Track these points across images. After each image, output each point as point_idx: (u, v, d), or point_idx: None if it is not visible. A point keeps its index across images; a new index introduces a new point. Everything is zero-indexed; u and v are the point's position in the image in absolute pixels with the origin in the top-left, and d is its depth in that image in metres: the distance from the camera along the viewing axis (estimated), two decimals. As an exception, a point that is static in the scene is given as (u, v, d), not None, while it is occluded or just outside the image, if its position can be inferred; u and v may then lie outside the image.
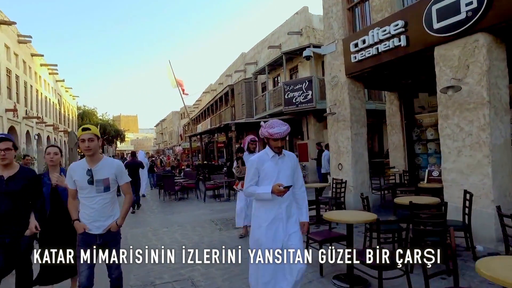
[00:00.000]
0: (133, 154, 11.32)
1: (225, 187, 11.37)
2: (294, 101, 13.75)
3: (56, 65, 27.26)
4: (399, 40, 6.47)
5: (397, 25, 6.47)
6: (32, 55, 22.85)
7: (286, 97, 13.98)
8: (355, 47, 7.60)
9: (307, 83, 13.43)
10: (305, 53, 8.76)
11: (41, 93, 25.08)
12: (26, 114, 20.52)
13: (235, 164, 6.52)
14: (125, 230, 7.35)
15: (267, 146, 3.01)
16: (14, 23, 17.56)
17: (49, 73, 27.37)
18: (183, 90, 24.39)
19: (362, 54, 7.42)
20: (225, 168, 15.81)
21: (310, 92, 13.30)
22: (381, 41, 6.92)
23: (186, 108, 27.64)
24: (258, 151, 6.74)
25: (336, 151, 8.47)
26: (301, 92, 13.55)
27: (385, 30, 6.78)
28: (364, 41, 7.33)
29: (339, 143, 8.36)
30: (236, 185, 6.50)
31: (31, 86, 22.46)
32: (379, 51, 6.97)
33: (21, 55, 20.36)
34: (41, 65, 25.12)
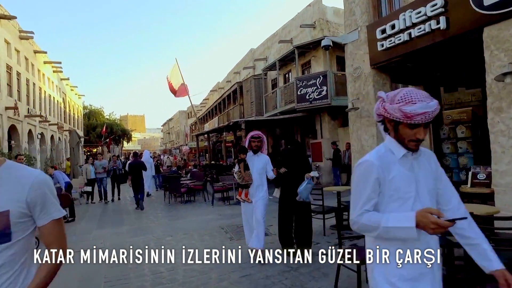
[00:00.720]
0: (135, 154, 10.87)
1: (234, 189, 10.57)
2: (307, 97, 12.88)
3: (60, 63, 26.70)
4: (437, 23, 5.63)
5: (435, 4, 5.63)
6: (35, 52, 22.24)
7: (298, 93, 13.11)
8: (382, 34, 6.77)
9: (321, 78, 12.56)
10: (324, 42, 7.98)
11: (45, 91, 24.48)
12: (28, 112, 19.88)
13: (236, 168, 5.08)
14: (124, 238, 6.61)
15: (388, 138, 1.59)
16: (15, 17, 16.93)
17: (53, 71, 26.81)
18: (185, 89, 23.28)
19: (391, 41, 6.58)
20: (234, 169, 15.02)
21: (324, 88, 12.42)
22: (414, 25, 6.08)
23: (193, 107, 26.90)
24: (262, 151, 5.06)
25: (359, 151, 7.63)
26: (315, 88, 12.68)
27: (419, 12, 5.93)
28: (393, 26, 6.50)
29: (363, 141, 7.52)
30: (239, 195, 5.06)
31: (34, 83, 21.86)
32: (412, 36, 6.13)
33: (22, 52, 19.73)
34: (45, 62, 24.54)
